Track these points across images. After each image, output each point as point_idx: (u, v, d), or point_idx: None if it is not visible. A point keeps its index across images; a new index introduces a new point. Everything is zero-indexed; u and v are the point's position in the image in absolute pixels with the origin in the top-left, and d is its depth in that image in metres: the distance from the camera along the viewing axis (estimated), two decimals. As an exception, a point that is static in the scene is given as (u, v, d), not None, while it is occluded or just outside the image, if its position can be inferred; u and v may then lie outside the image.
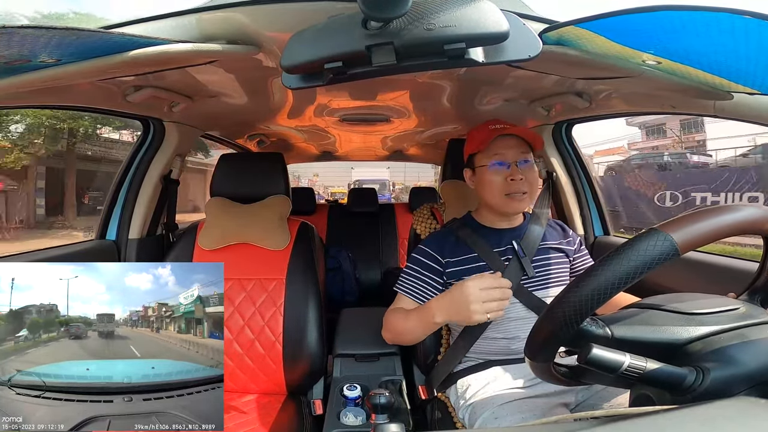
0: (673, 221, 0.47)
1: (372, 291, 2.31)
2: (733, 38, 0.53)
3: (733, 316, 0.49)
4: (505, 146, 0.96)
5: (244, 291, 1.18)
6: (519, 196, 0.96)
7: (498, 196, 0.97)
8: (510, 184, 0.95)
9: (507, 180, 0.95)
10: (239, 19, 0.69)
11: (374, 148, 2.54)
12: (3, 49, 0.55)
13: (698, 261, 1.06)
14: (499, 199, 0.97)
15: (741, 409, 0.38)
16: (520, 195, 0.96)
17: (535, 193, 0.99)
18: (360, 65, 0.58)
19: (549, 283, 0.99)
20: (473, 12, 0.53)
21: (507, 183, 0.95)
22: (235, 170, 1.32)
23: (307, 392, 1.17)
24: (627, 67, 0.70)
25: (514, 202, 0.96)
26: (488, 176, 0.98)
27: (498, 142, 0.97)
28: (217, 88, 1.08)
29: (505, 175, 0.96)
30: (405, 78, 1.05)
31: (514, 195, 0.95)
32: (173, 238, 1.50)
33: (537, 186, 0.98)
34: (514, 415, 0.81)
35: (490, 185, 0.97)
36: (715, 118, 0.83)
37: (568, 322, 0.47)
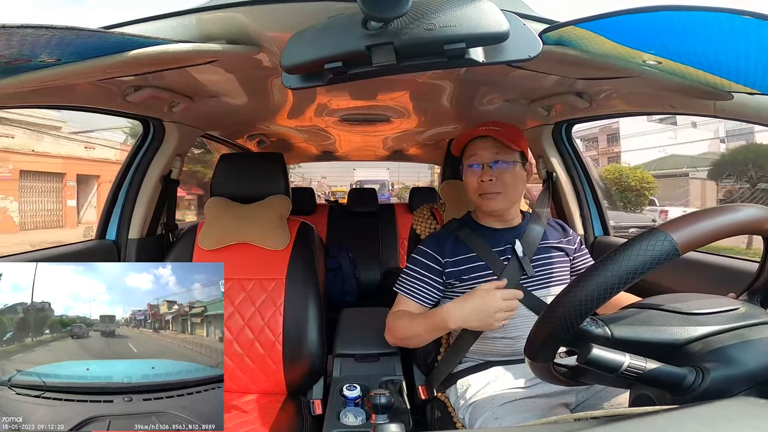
0: (673, 221, 0.47)
1: (372, 291, 2.31)
2: (733, 38, 0.53)
3: (732, 316, 0.49)
4: (480, 147, 0.98)
5: (244, 291, 1.17)
6: (491, 196, 0.98)
7: (474, 195, 1.00)
8: (481, 185, 0.97)
9: (479, 180, 0.98)
10: (239, 19, 0.69)
11: (374, 148, 2.54)
12: (3, 49, 0.55)
13: (698, 261, 1.06)
14: (475, 198, 1.00)
15: (741, 409, 0.38)
16: (492, 195, 0.97)
17: (514, 192, 1.00)
18: (360, 65, 0.58)
19: (549, 283, 0.99)
20: (473, 12, 0.53)
21: (479, 184, 0.98)
22: (235, 170, 1.32)
23: (307, 392, 1.17)
24: (627, 67, 0.70)
25: (487, 201, 0.98)
26: (465, 177, 1.01)
27: (475, 144, 0.99)
28: (217, 88, 1.08)
29: (479, 175, 0.98)
30: (405, 78, 1.05)
31: (486, 195, 0.98)
32: (173, 238, 1.50)
33: (517, 186, 0.99)
34: (514, 415, 0.81)
35: (467, 186, 1.01)
36: (715, 118, 0.83)
37: (568, 322, 0.47)
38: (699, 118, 6.13)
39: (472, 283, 0.98)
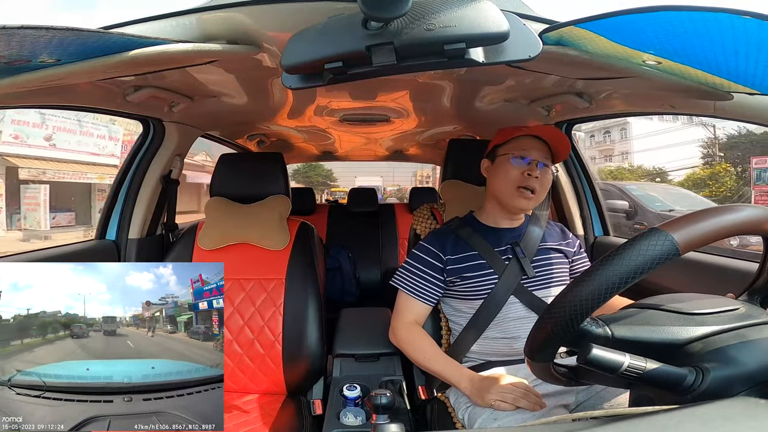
0: (674, 221, 0.47)
1: (372, 291, 2.31)
2: (733, 38, 0.53)
3: (732, 317, 0.49)
4: (532, 146, 0.99)
5: (244, 291, 1.17)
6: (528, 193, 0.98)
7: (510, 186, 0.99)
8: (525, 179, 0.98)
9: (524, 174, 0.98)
10: (239, 19, 0.69)
11: (374, 148, 2.54)
12: (3, 49, 0.55)
13: (698, 261, 1.06)
14: (510, 189, 0.99)
15: (741, 409, 0.38)
16: (529, 192, 0.98)
17: (542, 197, 1.01)
18: (360, 65, 0.58)
19: (549, 283, 1.00)
20: (473, 12, 0.53)
21: (523, 176, 0.98)
22: (235, 170, 1.32)
23: (306, 392, 1.17)
24: (627, 67, 0.70)
25: (522, 198, 0.98)
26: (507, 166, 1.00)
27: (526, 140, 1.00)
28: (217, 88, 1.08)
29: (524, 169, 0.98)
30: (405, 78, 1.05)
31: (525, 191, 0.98)
32: (173, 238, 1.50)
33: (545, 191, 1.01)
34: (514, 416, 0.81)
35: (506, 174, 1.00)
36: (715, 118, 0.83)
37: (568, 322, 0.47)
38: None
39: (473, 282, 0.98)
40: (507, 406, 0.81)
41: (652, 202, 5.97)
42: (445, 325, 1.08)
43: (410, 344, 0.99)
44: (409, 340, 0.99)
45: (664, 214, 5.48)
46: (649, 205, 5.82)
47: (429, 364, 0.96)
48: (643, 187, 7.35)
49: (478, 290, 0.98)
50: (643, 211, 5.69)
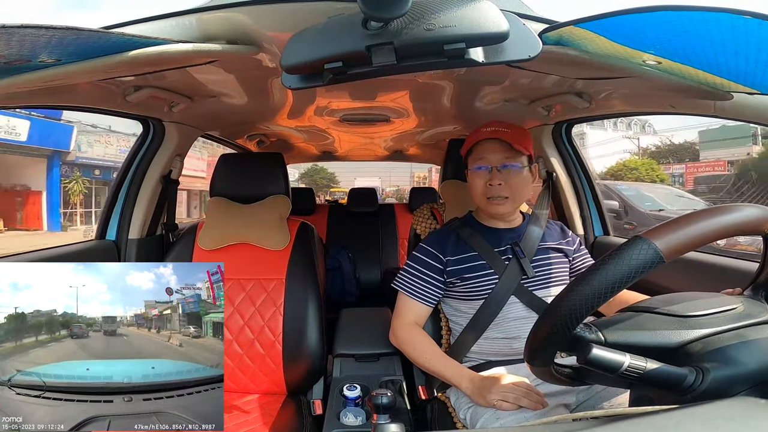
0: (657, 228, 0.46)
1: (372, 291, 2.31)
2: (733, 38, 0.53)
3: (731, 317, 0.49)
4: (489, 150, 0.98)
5: (244, 291, 1.17)
6: (498, 200, 0.97)
7: (480, 199, 1.00)
8: (489, 189, 0.97)
9: (487, 184, 0.97)
10: (239, 19, 0.69)
11: (374, 148, 2.54)
12: (3, 49, 0.55)
13: (698, 261, 1.06)
14: (482, 200, 1.00)
15: (741, 409, 0.38)
16: (499, 199, 0.97)
17: (521, 196, 1.00)
18: (360, 65, 0.58)
19: (550, 283, 0.99)
20: (473, 12, 0.53)
21: (487, 187, 0.97)
22: (235, 170, 1.32)
23: (307, 392, 1.17)
24: (627, 67, 0.70)
25: (493, 206, 0.98)
26: (471, 178, 1.00)
27: (483, 146, 0.98)
28: (217, 88, 1.08)
29: (486, 178, 0.97)
30: (405, 78, 1.05)
31: (494, 199, 0.97)
32: (173, 238, 1.50)
33: (523, 189, 0.99)
34: (517, 415, 0.81)
35: (473, 187, 1.00)
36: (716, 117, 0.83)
37: (561, 329, 0.47)
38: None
39: (473, 282, 0.98)
40: (509, 405, 0.81)
41: (642, 201, 5.96)
42: (445, 326, 1.08)
43: (410, 345, 0.99)
44: (410, 340, 0.99)
45: (654, 214, 5.47)
46: (639, 205, 5.80)
47: (429, 364, 0.96)
48: (636, 187, 7.35)
49: (478, 290, 0.98)
50: (633, 210, 5.68)
